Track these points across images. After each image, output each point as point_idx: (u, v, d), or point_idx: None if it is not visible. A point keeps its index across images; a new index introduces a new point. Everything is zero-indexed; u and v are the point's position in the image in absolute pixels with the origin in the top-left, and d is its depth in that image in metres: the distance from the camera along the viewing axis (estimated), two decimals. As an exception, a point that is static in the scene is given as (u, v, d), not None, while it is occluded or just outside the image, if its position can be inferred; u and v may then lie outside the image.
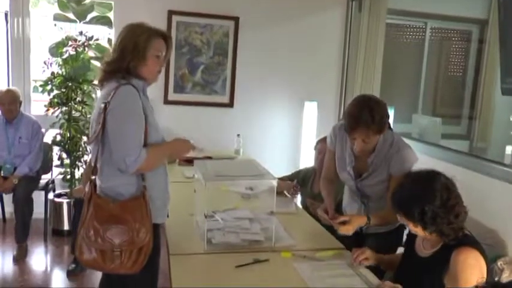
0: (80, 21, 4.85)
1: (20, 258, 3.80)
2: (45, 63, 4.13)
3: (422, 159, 3.04)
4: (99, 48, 4.82)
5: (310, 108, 4.60)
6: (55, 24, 5.08)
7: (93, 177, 1.93)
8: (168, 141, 2.05)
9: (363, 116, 2.05)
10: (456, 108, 4.37)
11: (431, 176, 1.77)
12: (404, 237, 2.13)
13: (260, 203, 2.66)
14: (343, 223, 2.13)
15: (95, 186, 1.91)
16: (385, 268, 2.07)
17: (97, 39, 4.34)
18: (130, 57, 1.90)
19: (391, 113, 4.30)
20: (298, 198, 3.26)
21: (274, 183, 2.13)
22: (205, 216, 2.09)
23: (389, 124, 2.27)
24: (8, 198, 4.26)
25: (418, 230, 1.78)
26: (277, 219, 2.36)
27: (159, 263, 2.05)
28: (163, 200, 2.03)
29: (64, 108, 4.13)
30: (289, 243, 2.21)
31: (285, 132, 4.81)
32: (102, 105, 1.84)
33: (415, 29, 4.60)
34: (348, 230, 2.13)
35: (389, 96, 4.58)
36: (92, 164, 1.95)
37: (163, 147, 2.01)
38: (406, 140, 2.27)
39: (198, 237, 2.19)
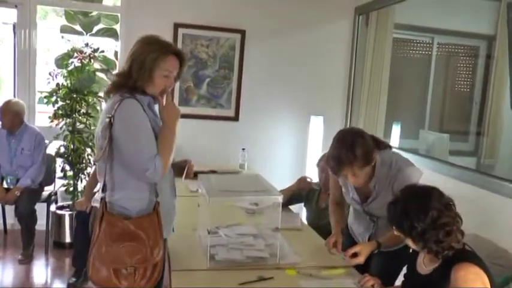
0: (87, 34, 4.87)
1: (25, 262, 3.84)
2: (50, 74, 4.13)
3: (430, 176, 2.98)
4: (105, 60, 4.83)
5: (316, 123, 4.56)
6: (62, 36, 5.11)
7: (103, 194, 1.88)
8: (161, 128, 1.92)
9: (342, 155, 2.00)
10: (464, 124, 4.30)
11: (426, 192, 1.77)
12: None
13: (264, 218, 2.61)
14: (354, 255, 2.11)
15: (106, 203, 1.86)
16: None
17: (102, 51, 4.33)
18: (136, 76, 1.88)
19: (397, 128, 4.29)
20: (304, 214, 3.21)
21: (280, 199, 2.09)
22: (209, 232, 2.05)
23: (387, 144, 2.24)
24: (10, 209, 4.22)
25: (410, 243, 1.79)
26: (281, 235, 2.31)
27: (163, 277, 2.02)
28: (169, 215, 2.01)
29: (68, 120, 4.11)
30: (294, 260, 2.16)
31: (290, 147, 4.77)
32: (107, 120, 1.82)
33: (422, 44, 4.57)
34: (360, 261, 2.10)
35: (395, 112, 4.54)
36: (101, 181, 1.92)
37: (165, 138, 1.90)
38: (413, 156, 2.23)
39: (201, 253, 2.15)
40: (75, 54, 4.07)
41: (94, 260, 1.80)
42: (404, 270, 2.06)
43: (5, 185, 3.95)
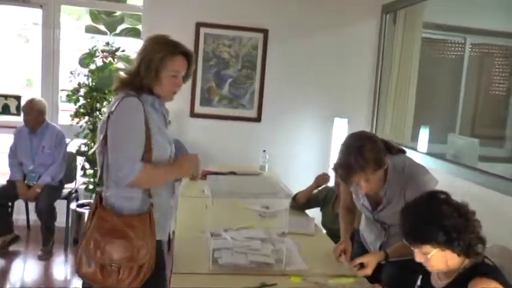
0: (111, 33, 4.90)
1: (44, 258, 3.89)
2: (71, 73, 4.17)
3: (456, 182, 2.81)
4: (129, 60, 4.85)
5: (340, 125, 4.42)
6: (92, 37, 5.17)
7: (99, 189, 1.89)
8: (174, 160, 1.95)
9: (351, 161, 1.87)
10: (498, 129, 4.08)
11: (428, 196, 1.65)
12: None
13: (277, 222, 2.52)
14: (361, 265, 1.98)
15: (101, 198, 1.86)
16: None
17: (123, 51, 4.34)
18: (143, 75, 1.86)
19: (425, 132, 4.11)
20: (319, 218, 3.09)
21: (287, 203, 1.99)
22: (212, 234, 1.98)
23: (399, 148, 2.10)
24: (33, 206, 4.27)
25: (449, 254, 1.58)
26: (292, 240, 2.22)
27: (166, 279, 1.99)
28: (165, 217, 1.97)
29: (89, 118, 4.13)
30: (301, 267, 2.05)
31: (313, 150, 4.65)
32: (106, 116, 1.84)
33: (453, 44, 4.37)
34: (366, 273, 1.97)
35: (424, 115, 4.35)
36: (98, 175, 1.92)
37: (166, 167, 1.91)
38: (438, 161, 2.07)
39: (206, 256, 2.08)
40: (97, 54, 4.10)
41: (82, 254, 1.81)
42: (417, 281, 1.93)
43: (26, 182, 4.00)
